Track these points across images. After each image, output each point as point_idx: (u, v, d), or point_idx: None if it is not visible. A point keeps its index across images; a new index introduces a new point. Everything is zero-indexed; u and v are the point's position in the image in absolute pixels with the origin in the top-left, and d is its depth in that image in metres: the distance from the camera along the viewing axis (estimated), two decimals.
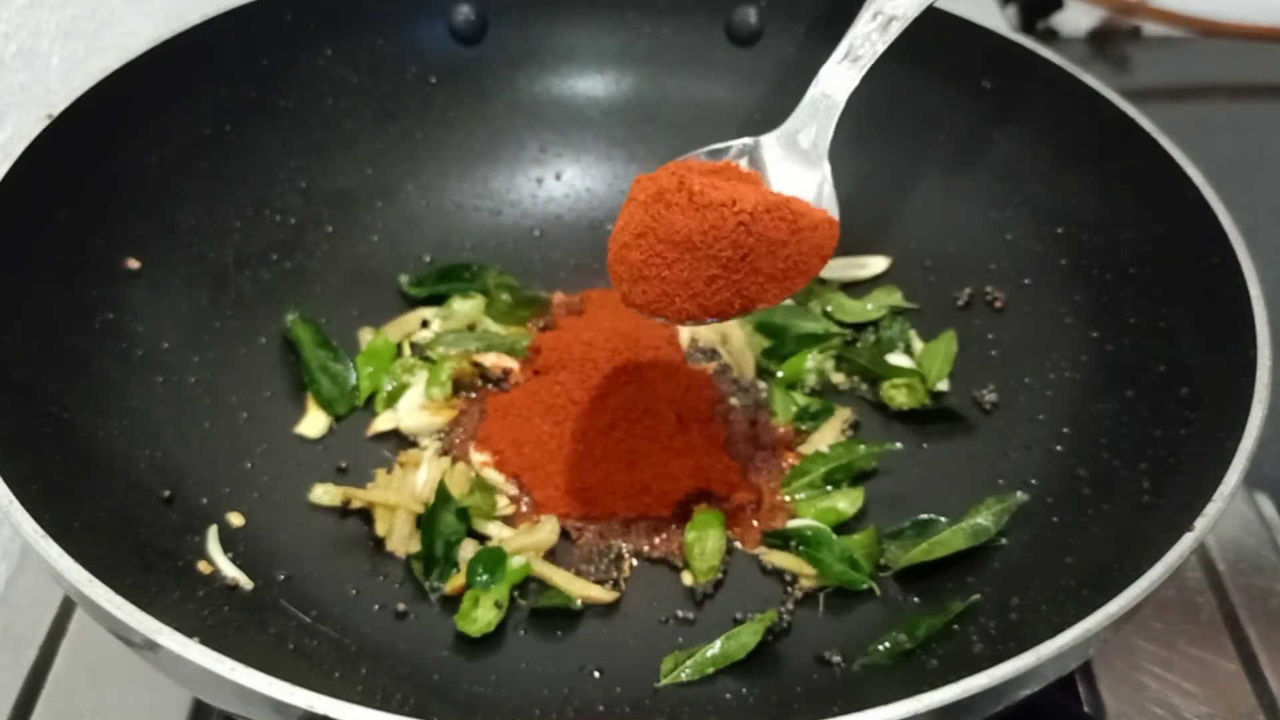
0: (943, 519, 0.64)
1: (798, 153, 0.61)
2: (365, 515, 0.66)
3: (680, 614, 0.62)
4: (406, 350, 0.76)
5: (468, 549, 0.64)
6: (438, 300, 0.78)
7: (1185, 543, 0.50)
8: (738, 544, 0.66)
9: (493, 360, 0.73)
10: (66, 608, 0.68)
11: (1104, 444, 0.64)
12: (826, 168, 0.61)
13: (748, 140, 0.62)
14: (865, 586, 0.62)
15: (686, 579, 0.64)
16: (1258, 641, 0.67)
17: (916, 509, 0.65)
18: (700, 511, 0.66)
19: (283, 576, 0.61)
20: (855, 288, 0.79)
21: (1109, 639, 0.51)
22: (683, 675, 0.58)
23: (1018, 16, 1.35)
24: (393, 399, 0.72)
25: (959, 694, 0.44)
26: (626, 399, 0.69)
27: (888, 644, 0.58)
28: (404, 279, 0.79)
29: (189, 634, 0.45)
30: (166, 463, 0.63)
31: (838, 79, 0.62)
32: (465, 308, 0.77)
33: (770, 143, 0.62)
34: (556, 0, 0.83)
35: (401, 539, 0.65)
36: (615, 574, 0.64)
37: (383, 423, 0.71)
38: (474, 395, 0.73)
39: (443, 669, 0.59)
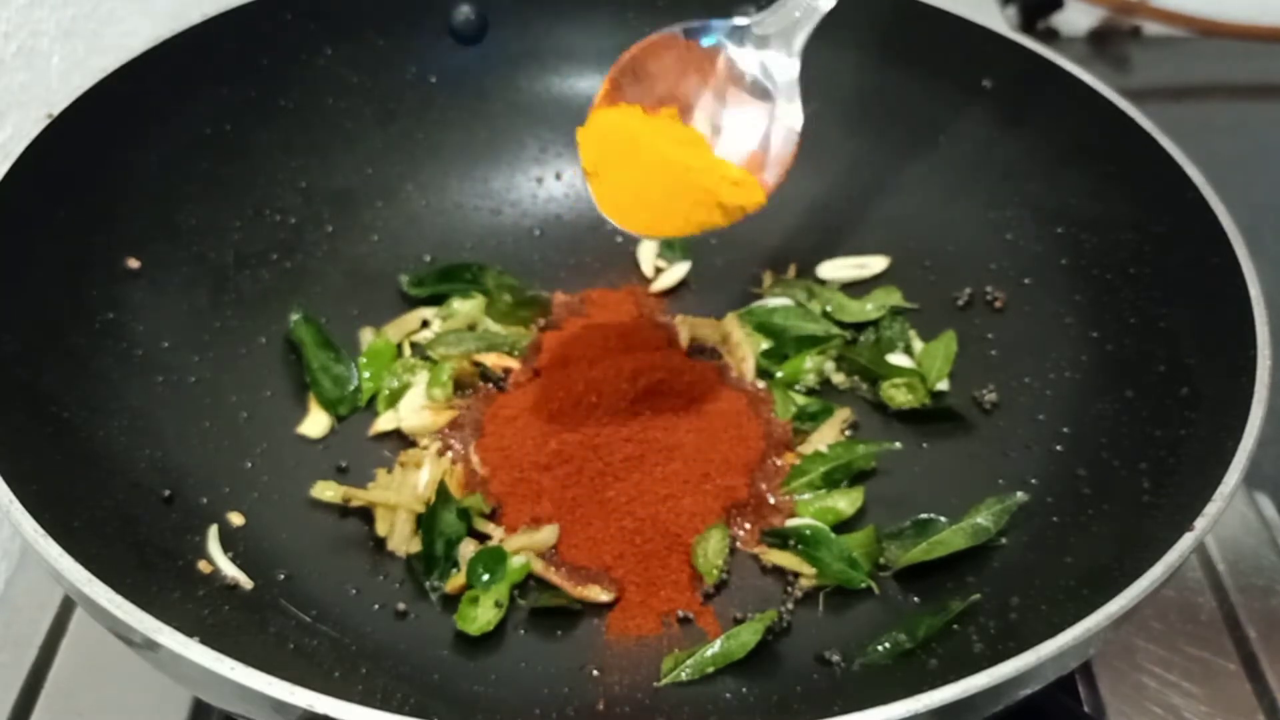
0: (943, 519, 0.64)
1: (774, 46, 0.63)
2: (365, 515, 0.66)
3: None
4: (407, 350, 0.76)
5: (468, 548, 0.64)
6: (438, 300, 0.78)
7: (1185, 543, 0.50)
8: (738, 543, 0.66)
9: (493, 360, 0.73)
10: (66, 608, 0.68)
11: (1104, 444, 0.64)
12: (798, 64, 0.63)
13: (727, 22, 0.63)
14: (864, 585, 0.62)
15: None
16: (1258, 641, 0.67)
17: (916, 509, 0.65)
18: None
19: (283, 576, 0.61)
20: (855, 288, 0.79)
21: (1109, 639, 0.51)
22: (683, 675, 0.58)
23: (1018, 16, 1.35)
24: (394, 399, 0.72)
25: (959, 694, 0.44)
26: (628, 399, 0.69)
27: (888, 644, 0.58)
28: (404, 279, 0.78)
29: (189, 633, 0.45)
30: (166, 463, 0.63)
31: None
32: (465, 308, 0.77)
33: (750, 32, 0.63)
34: (556, 0, 0.83)
35: (402, 539, 0.65)
36: None
37: (384, 423, 0.71)
38: (475, 395, 0.73)
39: (443, 669, 0.59)
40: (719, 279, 0.80)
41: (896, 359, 0.74)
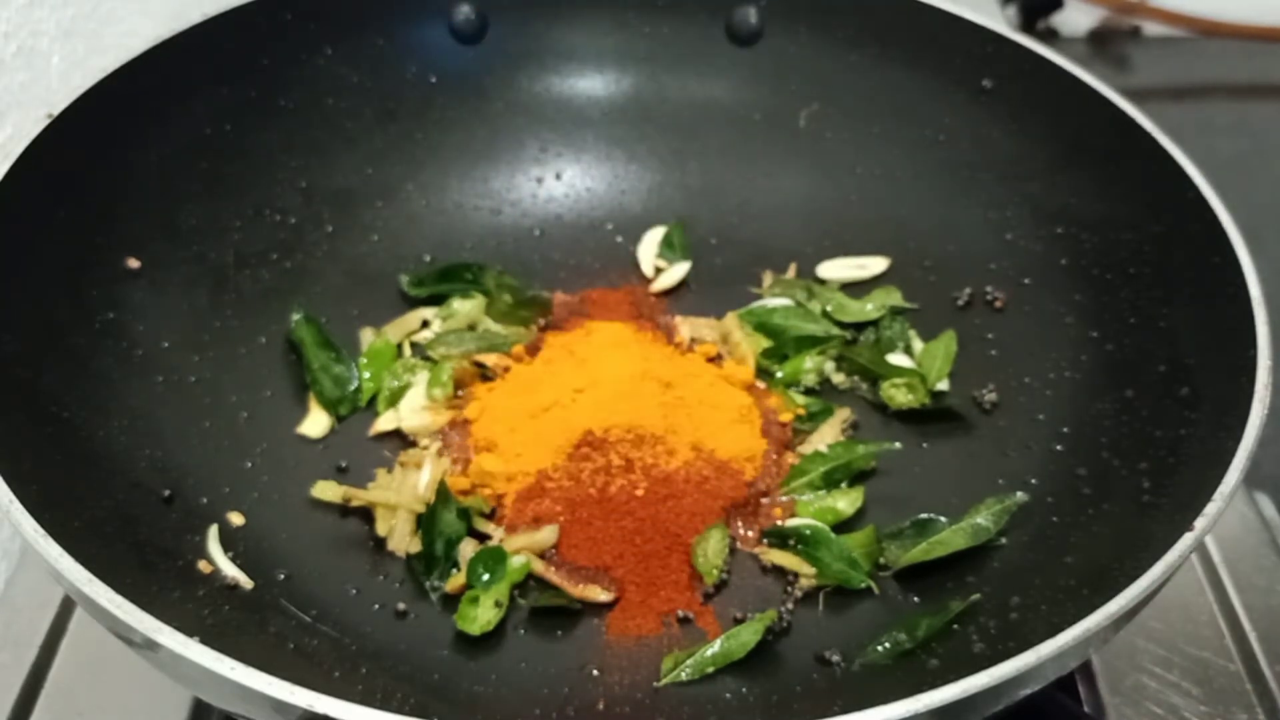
0: (943, 519, 0.64)
1: None
2: (365, 515, 0.66)
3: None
4: (407, 350, 0.76)
5: (468, 548, 0.64)
6: (438, 300, 0.78)
7: (1185, 543, 0.50)
8: (738, 543, 0.66)
9: (494, 360, 0.73)
10: (66, 608, 0.68)
11: (1104, 444, 0.64)
12: None
13: None
14: (864, 585, 0.62)
15: None
16: (1258, 641, 0.67)
17: (916, 509, 0.65)
18: None
19: (283, 576, 0.61)
20: (855, 288, 0.79)
21: (1109, 639, 0.51)
22: (683, 675, 0.58)
23: (1018, 16, 1.35)
24: (394, 399, 0.72)
25: (959, 694, 0.44)
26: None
27: (888, 644, 0.58)
28: (404, 279, 0.78)
29: (189, 633, 0.45)
30: (166, 462, 0.63)
31: None
32: (465, 308, 0.77)
33: None
34: (556, 0, 0.83)
35: (402, 538, 0.65)
36: None
37: (385, 423, 0.71)
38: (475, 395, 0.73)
39: (443, 668, 0.59)
40: (719, 279, 0.80)
41: (896, 359, 0.74)
